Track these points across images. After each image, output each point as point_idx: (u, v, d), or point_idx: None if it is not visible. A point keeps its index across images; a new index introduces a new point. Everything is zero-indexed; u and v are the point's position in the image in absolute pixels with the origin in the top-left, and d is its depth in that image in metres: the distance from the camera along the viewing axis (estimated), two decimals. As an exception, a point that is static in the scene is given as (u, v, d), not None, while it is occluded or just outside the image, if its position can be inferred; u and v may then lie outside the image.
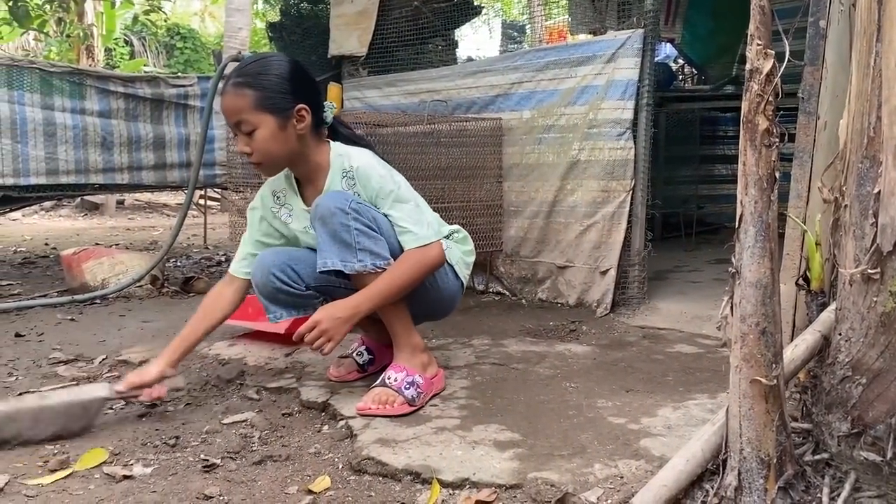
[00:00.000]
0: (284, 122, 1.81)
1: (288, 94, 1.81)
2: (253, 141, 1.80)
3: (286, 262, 1.88)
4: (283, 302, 1.90)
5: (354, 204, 1.80)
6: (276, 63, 1.84)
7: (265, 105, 1.78)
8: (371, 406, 1.79)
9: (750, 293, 1.21)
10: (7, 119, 4.14)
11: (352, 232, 1.77)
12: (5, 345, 2.59)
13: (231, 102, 1.80)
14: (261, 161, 1.85)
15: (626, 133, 2.86)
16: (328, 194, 1.84)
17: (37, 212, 9.07)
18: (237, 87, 1.79)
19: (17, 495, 1.43)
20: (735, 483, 1.23)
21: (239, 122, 1.80)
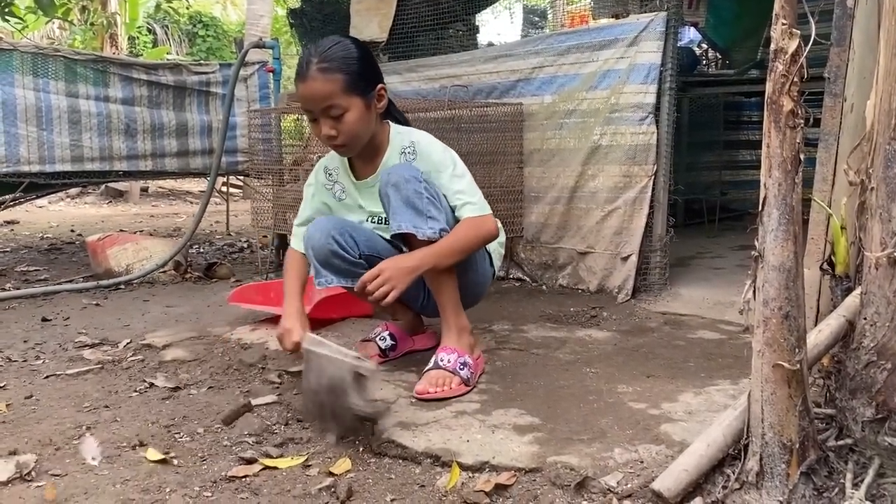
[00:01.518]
0: (369, 103, 1.87)
1: (370, 75, 1.88)
2: (341, 124, 1.83)
3: (345, 228, 1.94)
4: (335, 267, 1.92)
5: (424, 176, 1.85)
6: (352, 45, 1.87)
7: (355, 88, 1.82)
8: (430, 389, 1.80)
9: (773, 277, 1.20)
10: (33, 107, 4.18)
11: (423, 200, 1.81)
12: (32, 328, 2.63)
13: (320, 87, 1.81)
14: (346, 143, 1.88)
15: (648, 118, 2.83)
16: (400, 165, 1.90)
17: (62, 199, 9.19)
18: (326, 72, 1.80)
19: (44, 475, 1.45)
20: (757, 468, 1.23)
21: (329, 107, 1.82)
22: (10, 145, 4.13)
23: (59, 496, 1.36)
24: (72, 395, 1.92)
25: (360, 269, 1.91)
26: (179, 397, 1.91)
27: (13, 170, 4.16)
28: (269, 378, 2.02)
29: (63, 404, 1.86)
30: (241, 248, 4.93)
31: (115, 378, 2.07)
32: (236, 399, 1.86)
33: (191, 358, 2.21)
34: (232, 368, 2.12)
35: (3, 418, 1.75)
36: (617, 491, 1.33)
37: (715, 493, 1.27)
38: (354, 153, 1.97)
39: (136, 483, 1.42)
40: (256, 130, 3.82)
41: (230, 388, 1.98)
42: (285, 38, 10.15)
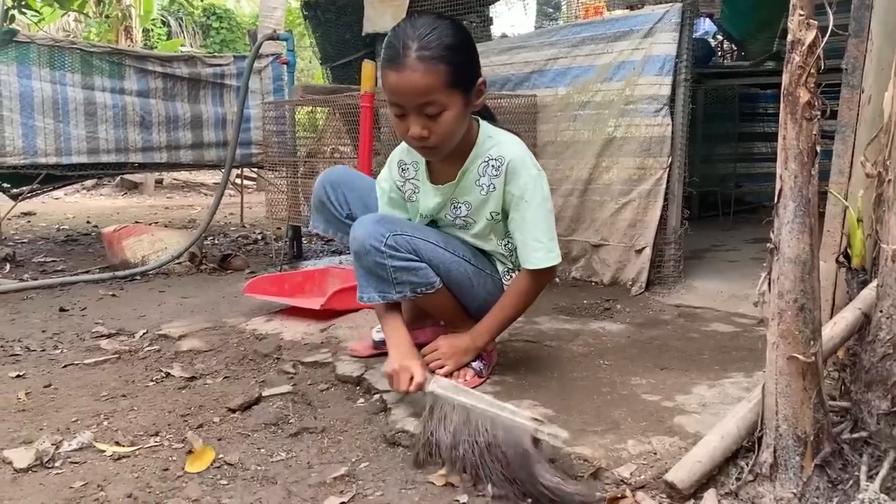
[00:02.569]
0: (470, 100, 1.64)
1: (473, 66, 1.63)
2: (436, 124, 1.59)
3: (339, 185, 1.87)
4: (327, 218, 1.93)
5: (391, 239, 1.68)
6: (457, 30, 1.61)
7: (459, 82, 1.58)
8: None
9: (788, 269, 1.19)
10: (49, 99, 4.22)
11: (388, 269, 1.69)
12: (50, 319, 2.66)
13: (420, 80, 1.54)
14: (437, 145, 1.64)
15: (663, 109, 2.82)
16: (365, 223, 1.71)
17: (78, 191, 9.25)
18: (428, 62, 1.54)
19: (64, 462, 1.47)
20: (771, 460, 1.23)
21: (426, 104, 1.57)
22: (28, 137, 4.17)
23: (78, 483, 1.38)
24: (90, 385, 1.94)
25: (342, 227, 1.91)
26: (195, 387, 1.93)
27: (30, 161, 4.21)
28: (283, 368, 2.04)
29: (81, 393, 1.88)
30: (255, 240, 4.95)
31: (131, 368, 2.09)
32: (251, 389, 1.88)
33: (206, 348, 2.23)
34: (247, 359, 2.14)
35: (23, 406, 1.78)
36: (630, 482, 1.33)
37: (728, 484, 1.27)
38: (442, 157, 1.73)
39: (153, 471, 1.43)
40: (270, 122, 3.83)
41: (245, 378, 1.99)
42: (298, 30, 10.16)
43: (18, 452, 1.48)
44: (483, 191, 1.77)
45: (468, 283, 1.83)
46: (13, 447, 1.52)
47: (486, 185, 1.77)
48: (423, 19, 1.61)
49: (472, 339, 1.81)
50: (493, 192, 1.76)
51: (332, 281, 2.78)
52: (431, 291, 1.76)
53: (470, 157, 1.76)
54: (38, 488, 1.36)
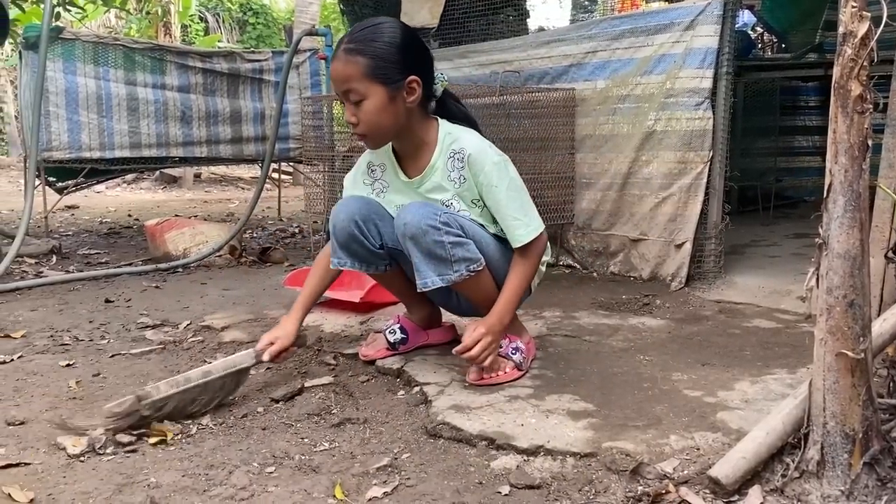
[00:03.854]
0: (395, 94, 1.72)
1: (400, 63, 1.71)
2: (360, 111, 1.72)
3: (371, 216, 1.85)
4: (353, 252, 1.86)
5: (443, 216, 1.72)
6: (389, 29, 1.74)
7: (376, 74, 1.69)
8: (484, 376, 1.80)
9: (838, 264, 1.18)
10: (94, 94, 4.31)
11: (445, 247, 1.71)
12: (97, 310, 2.73)
13: (341, 69, 1.71)
14: (366, 133, 1.77)
15: (704, 103, 2.79)
16: (413, 209, 1.75)
17: (119, 184, 9.43)
18: (348, 54, 1.70)
19: (115, 449, 1.51)
20: (818, 457, 1.21)
21: (347, 91, 1.72)
22: (73, 132, 4.27)
23: (128, 469, 1.41)
24: (136, 374, 1.99)
25: (380, 260, 1.89)
26: (239, 377, 1.96)
27: (75, 156, 4.31)
28: (324, 360, 2.07)
29: (128, 382, 1.93)
30: (292, 234, 5.01)
31: (176, 358, 2.14)
32: (293, 380, 1.91)
33: (248, 339, 2.26)
34: (287, 350, 2.16)
35: (74, 395, 1.83)
36: (673, 477, 1.33)
37: (774, 481, 1.26)
38: (378, 146, 1.87)
39: (200, 459, 1.46)
40: (308, 117, 3.87)
41: (287, 369, 2.02)
42: (334, 25, 10.22)
43: (71, 439, 1.53)
44: (456, 184, 1.84)
45: (498, 262, 1.86)
46: (66, 434, 1.57)
47: (457, 179, 1.84)
48: (370, 19, 1.79)
49: (498, 320, 1.80)
50: (465, 183, 1.83)
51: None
52: (480, 269, 1.78)
53: (434, 152, 1.84)
54: (91, 473, 1.40)
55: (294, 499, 1.30)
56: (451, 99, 1.93)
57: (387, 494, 1.32)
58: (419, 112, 1.82)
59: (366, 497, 1.31)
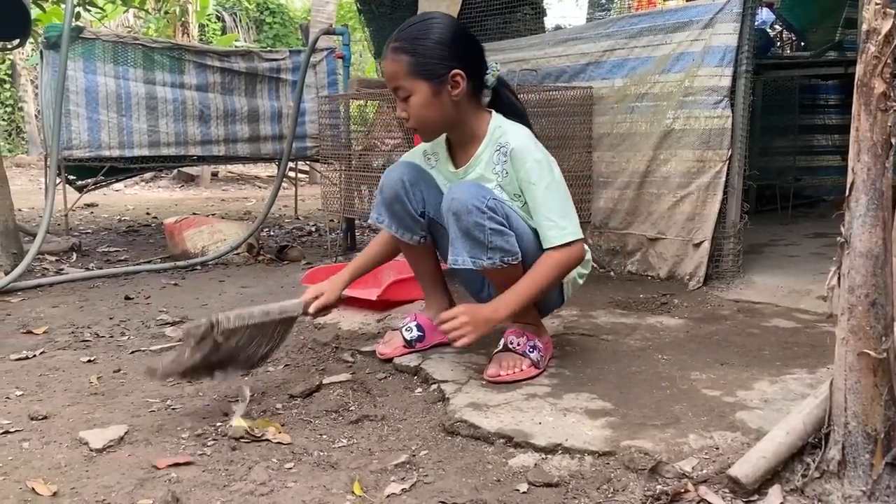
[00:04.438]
0: (439, 89, 1.76)
1: (444, 58, 1.75)
2: (409, 107, 1.79)
3: (419, 181, 1.91)
4: (395, 213, 1.91)
5: (491, 202, 1.73)
6: (434, 25, 1.78)
7: (420, 71, 1.75)
8: (501, 373, 1.80)
9: (860, 263, 1.17)
10: (113, 94, 4.35)
11: (485, 231, 1.72)
12: (117, 307, 2.75)
13: (389, 68, 1.79)
14: (416, 127, 1.84)
15: (723, 101, 2.77)
16: (465, 187, 1.77)
17: (137, 183, 9.52)
18: (395, 53, 1.77)
19: (136, 443, 1.53)
20: (839, 457, 1.21)
21: (396, 88, 1.79)
22: (93, 131, 4.31)
23: (150, 463, 1.43)
24: (156, 370, 2.01)
25: (418, 228, 1.93)
26: (257, 374, 1.97)
27: (95, 154, 4.35)
28: (342, 357, 2.08)
29: (149, 378, 1.94)
30: (309, 232, 5.03)
31: (196, 354, 2.15)
32: (312, 377, 1.92)
33: (267, 337, 2.28)
34: (306, 347, 2.18)
35: (95, 390, 1.85)
36: (692, 476, 1.32)
37: (794, 481, 1.25)
38: (431, 138, 1.92)
39: (219, 454, 1.48)
40: (325, 116, 3.88)
41: (305, 365, 2.03)
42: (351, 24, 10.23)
43: (93, 433, 1.54)
44: (500, 176, 1.86)
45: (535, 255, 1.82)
46: (88, 428, 1.59)
47: (500, 171, 1.86)
48: (418, 15, 1.85)
49: (492, 310, 1.76)
50: (507, 177, 1.84)
51: (387, 272, 2.80)
52: (515, 263, 1.77)
53: (482, 144, 1.87)
54: (113, 467, 1.41)
55: (313, 494, 1.31)
56: (506, 90, 1.95)
57: (405, 491, 1.32)
58: (470, 104, 1.84)
59: (384, 493, 1.31)
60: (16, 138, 14.52)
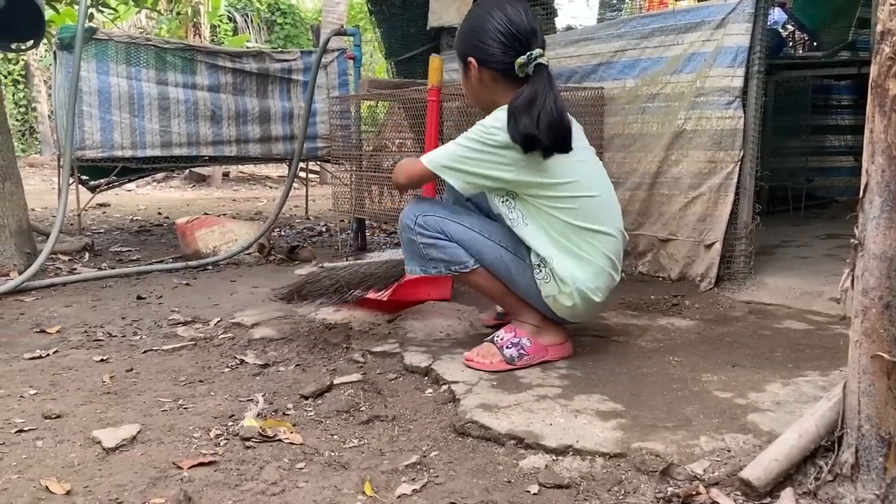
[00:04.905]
0: (466, 73, 1.98)
1: (464, 46, 1.96)
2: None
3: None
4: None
5: (421, 218, 1.94)
6: (474, 13, 1.96)
7: (458, 53, 1.99)
8: (474, 358, 1.93)
9: (874, 265, 1.16)
10: (126, 94, 4.38)
11: (417, 245, 1.95)
12: (129, 306, 2.77)
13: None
14: (474, 105, 2.10)
15: (735, 102, 2.76)
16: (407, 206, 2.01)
17: (149, 183, 9.57)
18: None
19: (148, 443, 1.54)
20: (852, 460, 1.20)
21: None
22: (106, 131, 4.33)
23: (162, 462, 1.43)
24: (168, 370, 2.02)
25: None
26: (269, 374, 1.98)
27: (108, 154, 4.37)
28: (353, 357, 2.08)
29: (161, 378, 1.96)
30: (319, 232, 5.04)
31: (207, 354, 2.17)
32: (322, 377, 1.92)
33: (278, 336, 2.29)
34: (317, 347, 2.19)
35: (108, 389, 1.86)
36: (704, 478, 1.32)
37: (807, 484, 1.25)
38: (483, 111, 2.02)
39: (231, 454, 1.48)
40: (335, 117, 3.89)
41: (316, 366, 2.04)
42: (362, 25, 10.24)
43: (106, 432, 1.56)
44: None
45: (504, 269, 1.95)
46: (101, 427, 1.60)
47: None
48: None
49: None
50: None
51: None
52: (466, 271, 1.94)
53: None
54: (126, 466, 1.42)
55: (324, 494, 1.31)
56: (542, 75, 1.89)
57: (416, 492, 1.32)
58: (503, 88, 1.92)
59: (395, 494, 1.32)
60: (29, 138, 14.62)
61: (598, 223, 1.89)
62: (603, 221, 1.90)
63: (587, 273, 1.88)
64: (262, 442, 1.53)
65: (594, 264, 1.89)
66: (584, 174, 1.90)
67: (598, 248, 1.89)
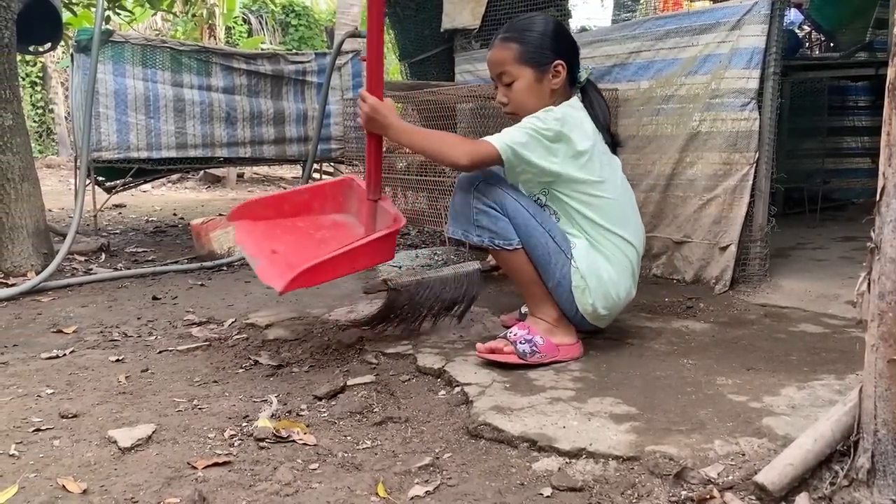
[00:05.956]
0: (541, 76, 1.95)
1: (548, 49, 1.94)
2: (511, 92, 1.96)
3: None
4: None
5: (482, 185, 1.94)
6: (540, 21, 1.99)
7: (526, 58, 1.93)
8: (483, 350, 1.94)
9: (890, 269, 1.16)
10: (142, 96, 4.40)
11: (471, 208, 1.94)
12: (144, 307, 2.79)
13: (497, 55, 1.97)
14: (514, 112, 1.98)
15: (750, 103, 2.74)
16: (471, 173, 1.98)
17: (164, 184, 9.61)
18: (504, 42, 1.95)
19: (164, 442, 1.55)
20: (868, 465, 1.19)
21: (501, 74, 1.96)
22: (122, 133, 4.36)
23: (177, 462, 1.44)
24: (183, 370, 2.03)
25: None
26: (282, 374, 1.99)
27: (124, 156, 4.40)
28: (366, 359, 2.08)
29: (176, 378, 1.97)
30: (333, 233, 5.05)
31: (222, 355, 2.18)
32: (336, 378, 1.93)
33: (292, 337, 2.30)
34: (331, 348, 2.19)
35: (124, 389, 1.88)
36: (718, 482, 1.31)
37: (822, 488, 1.24)
38: None
39: (245, 454, 1.49)
40: (350, 119, 3.90)
41: (330, 367, 2.05)
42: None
43: (122, 432, 1.57)
44: None
45: (545, 258, 1.96)
46: (117, 427, 1.61)
47: None
48: (525, 16, 2.04)
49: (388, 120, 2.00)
50: None
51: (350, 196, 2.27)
52: (509, 249, 1.94)
53: None
54: (141, 466, 1.43)
55: (337, 495, 1.32)
56: (593, 89, 2.07)
57: (429, 494, 1.33)
58: (563, 95, 1.99)
59: (408, 496, 1.32)
60: (46, 140, 14.75)
61: (620, 227, 1.98)
62: (625, 227, 1.99)
63: (612, 271, 1.98)
64: (276, 442, 1.54)
65: (618, 265, 1.98)
66: (613, 177, 2.01)
67: (622, 250, 1.99)
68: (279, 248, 1.88)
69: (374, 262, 2.10)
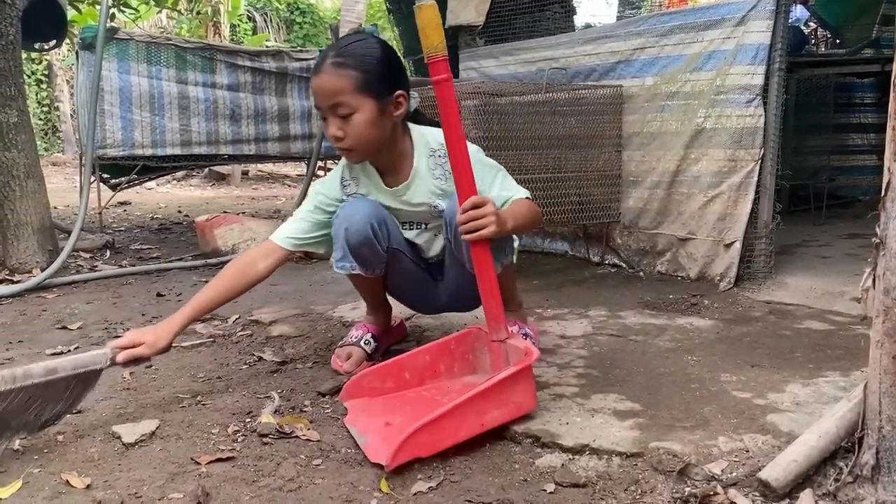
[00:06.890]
0: (384, 108, 1.73)
1: (389, 78, 1.74)
2: (348, 125, 1.71)
3: (382, 218, 1.84)
4: (361, 256, 1.83)
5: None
6: (376, 46, 1.76)
7: (369, 88, 1.69)
8: None
9: (895, 265, 1.15)
10: (146, 93, 4.41)
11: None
12: (149, 303, 2.79)
13: (330, 83, 1.70)
14: (352, 147, 1.75)
15: (755, 100, 2.74)
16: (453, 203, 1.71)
17: (169, 181, 9.64)
18: (338, 67, 1.69)
19: (167, 438, 1.55)
20: (873, 462, 1.19)
21: (336, 105, 1.70)
22: (126, 130, 4.37)
23: (181, 458, 1.45)
24: (187, 367, 2.04)
25: (380, 263, 1.88)
26: (286, 371, 1.99)
27: (129, 153, 4.41)
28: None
29: (180, 374, 1.97)
30: (337, 230, 5.05)
31: (226, 351, 2.18)
32: (339, 374, 1.92)
33: (296, 334, 2.30)
34: (334, 345, 2.19)
35: (128, 385, 1.88)
36: (722, 479, 1.31)
37: (826, 485, 1.23)
38: (363, 160, 1.85)
39: (249, 450, 1.49)
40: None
41: (333, 364, 2.04)
42: (381, 24, 10.27)
43: (126, 428, 1.57)
44: (442, 180, 1.85)
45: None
46: (121, 423, 1.61)
47: (441, 175, 1.85)
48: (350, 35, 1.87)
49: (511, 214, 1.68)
50: (448, 179, 1.80)
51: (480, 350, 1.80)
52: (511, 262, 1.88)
53: (415, 158, 1.85)
54: (145, 461, 1.44)
55: (341, 491, 1.32)
56: (420, 114, 2.00)
57: (431, 489, 1.33)
58: (400, 126, 1.83)
59: (411, 491, 1.32)
60: (52, 137, 14.80)
61: None
62: None
63: None
64: (280, 438, 1.54)
65: None
66: None
67: None
68: (395, 420, 1.59)
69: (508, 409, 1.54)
